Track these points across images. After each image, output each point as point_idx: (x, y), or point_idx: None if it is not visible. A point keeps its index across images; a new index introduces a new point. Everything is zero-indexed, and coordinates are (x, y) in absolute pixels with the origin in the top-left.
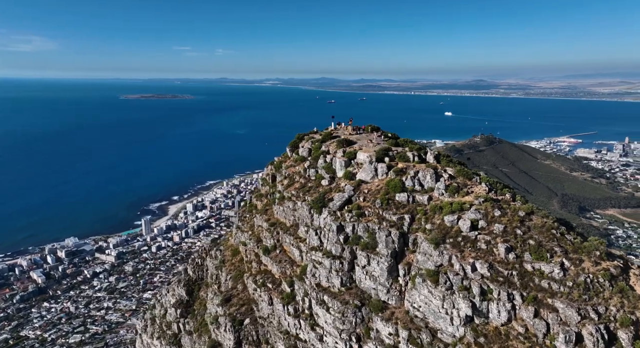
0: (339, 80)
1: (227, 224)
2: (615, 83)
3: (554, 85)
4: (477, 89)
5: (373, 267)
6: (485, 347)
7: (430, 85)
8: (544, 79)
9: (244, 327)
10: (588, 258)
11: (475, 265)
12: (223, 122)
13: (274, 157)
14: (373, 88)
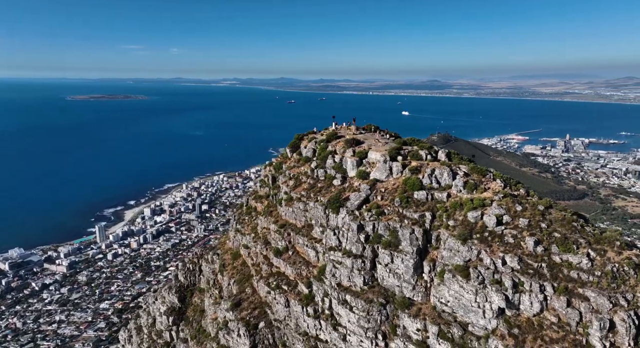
0: (298, 80)
1: (188, 228)
2: (555, 83)
3: (502, 86)
4: (432, 89)
5: (397, 265)
6: (520, 337)
7: (387, 85)
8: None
9: (259, 331)
10: (611, 248)
11: (505, 258)
12: (180, 123)
13: (271, 158)
14: (332, 88)
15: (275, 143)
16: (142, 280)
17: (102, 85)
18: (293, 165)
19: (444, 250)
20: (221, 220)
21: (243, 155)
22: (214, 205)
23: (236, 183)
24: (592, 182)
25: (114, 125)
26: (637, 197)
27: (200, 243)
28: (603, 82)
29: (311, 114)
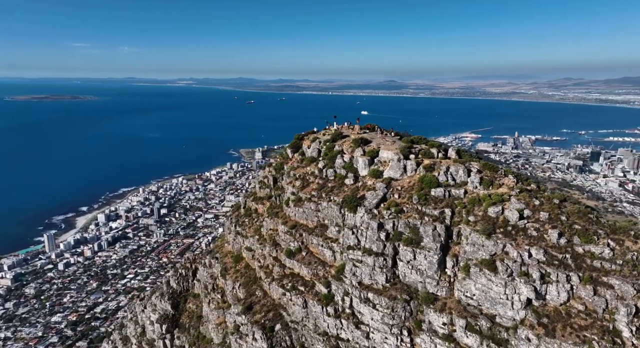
0: (257, 80)
1: (146, 233)
2: (504, 84)
3: (455, 86)
4: (389, 89)
5: (419, 261)
6: (550, 326)
7: (346, 85)
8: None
9: (276, 334)
10: (627, 237)
11: (531, 251)
12: (134, 124)
13: (271, 160)
14: (292, 88)
15: (236, 144)
16: (98, 289)
17: (44, 85)
18: (297, 165)
19: (467, 245)
20: (181, 224)
21: (203, 157)
22: (173, 209)
23: (196, 186)
24: (539, 177)
25: (61, 127)
26: (579, 190)
27: (160, 248)
28: (545, 83)
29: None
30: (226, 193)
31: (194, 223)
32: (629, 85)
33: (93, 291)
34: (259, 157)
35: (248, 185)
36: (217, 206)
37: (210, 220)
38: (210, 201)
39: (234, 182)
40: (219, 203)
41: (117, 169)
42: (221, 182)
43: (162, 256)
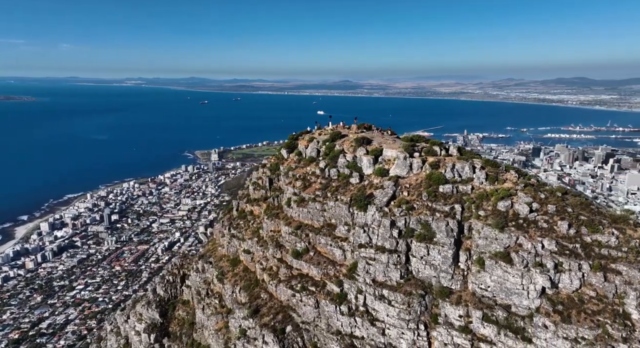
0: (210, 80)
1: (96, 241)
2: (452, 84)
3: (407, 86)
4: (344, 89)
5: (433, 256)
6: (565, 313)
7: (302, 85)
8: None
9: (287, 336)
10: (627, 226)
11: (544, 242)
12: (79, 126)
13: (263, 161)
14: (246, 88)
15: (190, 145)
16: (43, 303)
17: None
18: (295, 166)
19: (479, 238)
20: (135, 230)
21: (155, 160)
22: (125, 215)
23: (149, 190)
24: None
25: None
26: None
27: (112, 256)
28: (490, 83)
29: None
30: (182, 196)
31: (148, 229)
32: (563, 86)
33: (37, 305)
34: (215, 159)
35: (205, 188)
36: (173, 210)
37: (166, 224)
38: (165, 205)
39: (190, 184)
40: (175, 207)
41: (61, 175)
42: (176, 185)
43: (115, 264)
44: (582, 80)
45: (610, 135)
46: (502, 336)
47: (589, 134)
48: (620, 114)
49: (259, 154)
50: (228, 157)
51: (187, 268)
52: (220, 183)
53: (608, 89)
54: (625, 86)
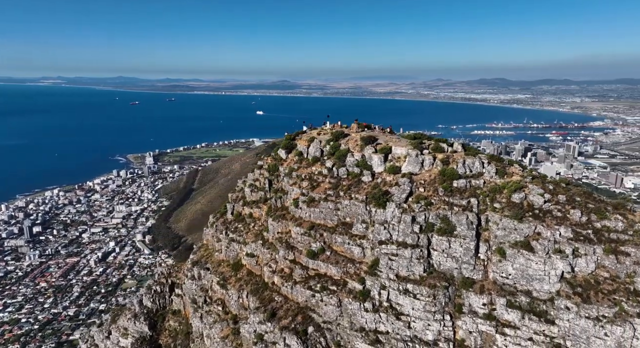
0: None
1: (15, 257)
2: (387, 84)
3: (345, 86)
4: (282, 88)
5: (454, 249)
6: (584, 294)
7: (239, 85)
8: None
9: (310, 336)
10: (628, 212)
11: (560, 230)
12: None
13: (259, 162)
14: (181, 88)
15: (122, 149)
16: None
17: None
18: (297, 166)
19: (498, 229)
20: (62, 241)
21: (82, 165)
22: (49, 226)
23: (77, 198)
24: None
25: None
26: None
27: (36, 272)
28: (421, 83)
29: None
30: (115, 203)
31: (77, 240)
32: (485, 86)
33: None
34: (150, 162)
35: (141, 193)
36: (106, 218)
37: (99, 234)
38: (96, 213)
39: (123, 190)
40: (108, 215)
41: None
42: (108, 192)
43: (40, 280)
44: (501, 80)
45: (527, 131)
46: (527, 320)
47: (510, 130)
48: (534, 111)
49: (198, 156)
50: (164, 160)
51: (177, 276)
52: (157, 187)
53: (523, 89)
54: (537, 86)
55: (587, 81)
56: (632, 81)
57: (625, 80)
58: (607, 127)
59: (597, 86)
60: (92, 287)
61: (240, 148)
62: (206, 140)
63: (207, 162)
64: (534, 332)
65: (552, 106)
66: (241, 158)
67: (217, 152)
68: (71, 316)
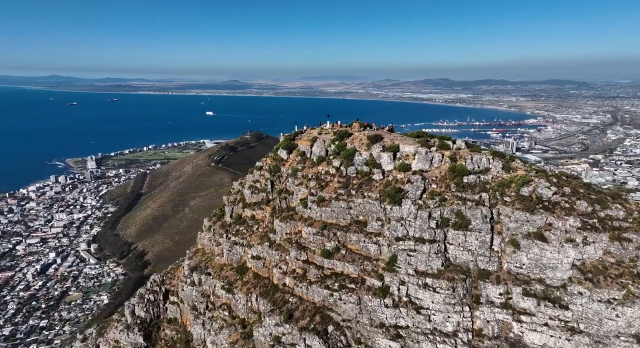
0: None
1: None
2: (337, 84)
3: (296, 86)
4: (233, 88)
5: (470, 242)
6: (594, 279)
7: (187, 85)
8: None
9: (330, 336)
10: (625, 201)
11: (569, 220)
12: None
13: (257, 163)
14: (123, 88)
15: (60, 153)
16: None
17: None
18: (301, 166)
19: (510, 222)
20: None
21: (13, 172)
22: None
23: (9, 207)
24: None
25: None
26: None
27: None
28: (371, 83)
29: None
30: (54, 211)
31: (11, 253)
32: (430, 86)
33: None
34: (92, 166)
35: (83, 199)
36: (44, 227)
37: (36, 245)
38: (32, 223)
39: (63, 197)
40: (46, 224)
41: None
42: (45, 199)
43: None
44: (445, 81)
45: (469, 128)
46: (542, 307)
47: (454, 128)
48: (476, 110)
49: (145, 159)
50: (108, 164)
51: (171, 283)
52: (102, 193)
53: (465, 89)
54: (477, 86)
55: (521, 81)
56: (559, 82)
57: (554, 81)
58: (539, 124)
59: (530, 86)
60: (31, 303)
61: (190, 150)
62: (154, 143)
63: (155, 165)
64: (549, 318)
65: (491, 105)
66: (193, 160)
67: (166, 155)
68: (7, 336)
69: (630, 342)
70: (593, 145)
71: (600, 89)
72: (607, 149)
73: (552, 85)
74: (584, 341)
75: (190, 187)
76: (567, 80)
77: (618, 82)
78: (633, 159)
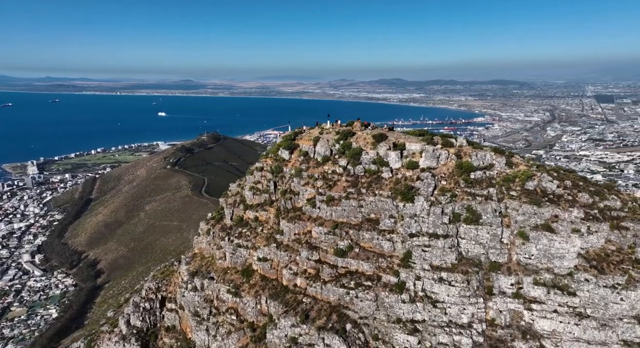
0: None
1: None
2: (294, 84)
3: (252, 85)
4: (186, 88)
5: (481, 236)
6: (598, 266)
7: (137, 85)
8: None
9: (349, 334)
10: (618, 193)
11: (574, 212)
12: None
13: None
14: (66, 88)
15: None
16: None
17: None
18: (305, 166)
19: (518, 215)
20: None
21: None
22: None
23: None
24: None
25: None
26: None
27: None
28: (327, 83)
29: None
30: None
31: None
32: (385, 86)
33: None
34: (34, 172)
35: (25, 207)
36: None
37: None
38: None
39: (1, 206)
40: None
41: None
42: None
43: None
44: (398, 81)
45: (423, 127)
46: (552, 295)
47: (409, 127)
48: (428, 109)
49: (93, 162)
50: (52, 169)
51: (167, 290)
52: (46, 200)
53: (417, 88)
54: (429, 86)
55: (469, 81)
56: (503, 82)
57: (498, 81)
58: (487, 122)
59: (477, 86)
60: None
61: (143, 152)
62: (102, 146)
63: (105, 169)
64: (558, 305)
65: (442, 104)
66: (147, 162)
67: (117, 158)
68: None
69: (632, 323)
70: (535, 142)
71: (539, 89)
72: (548, 144)
73: (497, 85)
74: (591, 325)
75: (146, 190)
76: (510, 81)
77: (554, 82)
78: (569, 154)
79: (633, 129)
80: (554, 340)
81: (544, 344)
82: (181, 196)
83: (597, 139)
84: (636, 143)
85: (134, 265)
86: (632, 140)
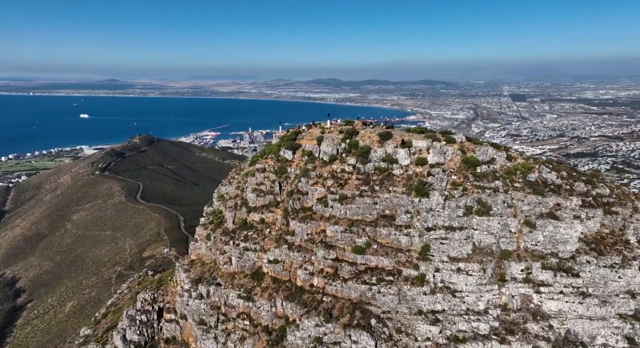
0: None
1: None
2: (229, 84)
3: (184, 85)
4: (111, 88)
5: (492, 226)
6: (597, 248)
7: (54, 85)
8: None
9: (374, 329)
10: (603, 181)
11: (573, 200)
12: None
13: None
14: None
15: None
16: None
17: None
18: (311, 165)
19: (524, 205)
20: None
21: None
22: None
23: None
24: None
25: None
26: None
27: None
28: (263, 83)
29: None
30: None
31: None
32: (321, 86)
33: None
34: None
35: None
36: None
37: None
38: None
39: None
40: None
41: None
42: None
43: None
44: (334, 81)
45: None
46: (558, 277)
47: None
48: (364, 108)
49: (5, 170)
50: None
51: (165, 300)
52: None
53: (353, 88)
54: (363, 86)
55: (401, 81)
56: (431, 82)
57: (427, 81)
58: (419, 120)
59: (408, 86)
60: None
61: (65, 158)
62: (15, 151)
63: (20, 177)
64: (564, 286)
65: (377, 103)
66: (71, 169)
67: (34, 165)
68: None
69: (627, 297)
70: None
71: (463, 89)
72: None
73: (425, 85)
74: (593, 302)
75: (72, 199)
76: (437, 81)
77: (475, 82)
78: None
79: (543, 125)
80: (560, 319)
81: (552, 324)
82: (114, 203)
83: (514, 135)
84: (546, 137)
85: (61, 280)
86: (542, 135)
